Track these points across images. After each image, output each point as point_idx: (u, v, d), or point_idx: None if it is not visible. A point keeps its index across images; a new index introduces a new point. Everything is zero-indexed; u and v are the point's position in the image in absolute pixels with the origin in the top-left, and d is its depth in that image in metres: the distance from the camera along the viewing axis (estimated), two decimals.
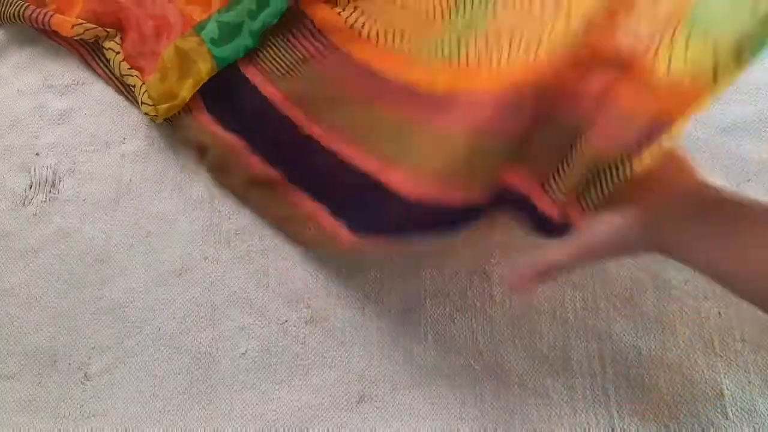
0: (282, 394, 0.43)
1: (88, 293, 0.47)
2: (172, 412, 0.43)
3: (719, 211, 0.30)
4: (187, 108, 0.50)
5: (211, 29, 0.49)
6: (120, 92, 0.53)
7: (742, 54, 0.27)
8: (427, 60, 0.43)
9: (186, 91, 0.49)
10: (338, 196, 0.45)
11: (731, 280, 0.29)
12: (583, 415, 0.41)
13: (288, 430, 0.42)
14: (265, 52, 0.50)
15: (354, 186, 0.43)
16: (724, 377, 0.41)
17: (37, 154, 0.52)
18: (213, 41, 0.48)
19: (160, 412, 0.43)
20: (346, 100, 0.46)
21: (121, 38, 0.53)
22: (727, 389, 0.41)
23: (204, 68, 0.48)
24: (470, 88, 0.39)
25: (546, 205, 0.36)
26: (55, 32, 0.53)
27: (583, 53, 0.33)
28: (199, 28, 0.49)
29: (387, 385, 0.43)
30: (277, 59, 0.49)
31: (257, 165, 0.47)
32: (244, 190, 0.48)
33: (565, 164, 0.35)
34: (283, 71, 0.49)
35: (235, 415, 0.43)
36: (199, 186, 0.49)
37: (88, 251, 0.48)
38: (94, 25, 0.52)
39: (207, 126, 0.49)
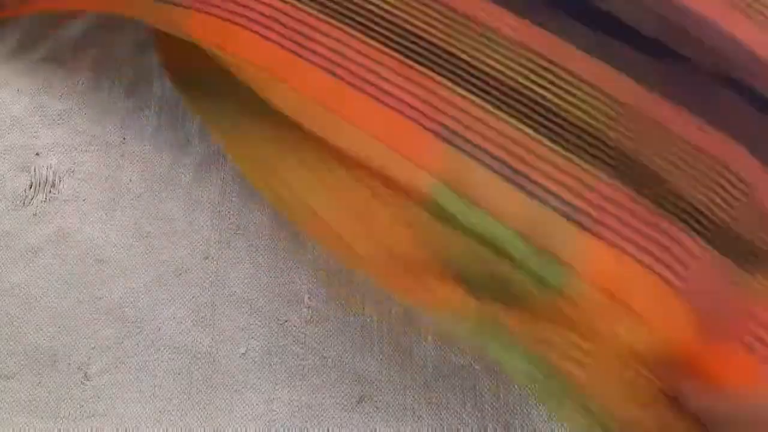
0: (282, 394, 0.43)
1: (88, 293, 0.47)
2: (172, 412, 0.43)
3: None
4: None
5: None
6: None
7: None
8: None
9: None
10: None
11: None
12: None
13: (288, 430, 0.42)
14: None
15: None
16: None
17: (37, 154, 0.52)
18: None
19: (160, 412, 0.43)
20: None
21: None
22: None
23: None
24: None
25: None
26: None
27: None
28: None
29: (387, 385, 0.43)
30: None
31: None
32: None
33: None
34: None
35: (236, 415, 0.43)
36: (200, 186, 0.49)
37: (87, 251, 0.48)
38: None
39: None
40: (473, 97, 0.36)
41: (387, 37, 0.38)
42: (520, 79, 0.36)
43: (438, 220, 0.36)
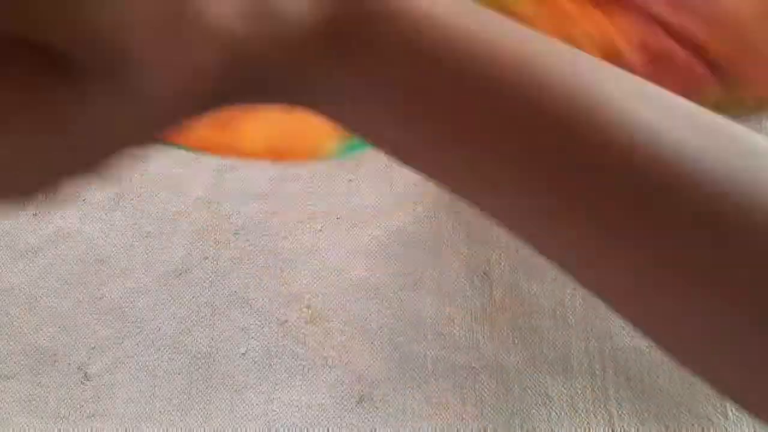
0: (282, 394, 0.43)
1: (88, 293, 0.47)
2: (172, 412, 0.43)
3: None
4: None
5: None
6: None
7: None
8: None
9: None
10: None
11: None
12: (583, 415, 0.41)
13: (288, 430, 0.42)
14: None
15: None
16: None
17: None
18: None
19: (160, 412, 0.43)
20: None
21: None
22: None
23: None
24: None
25: None
26: None
27: None
28: None
29: (387, 385, 0.43)
30: None
31: None
32: None
33: None
34: None
35: (235, 415, 0.43)
36: (199, 186, 0.49)
37: (88, 251, 0.48)
38: None
39: None
40: None
41: None
42: None
43: None
